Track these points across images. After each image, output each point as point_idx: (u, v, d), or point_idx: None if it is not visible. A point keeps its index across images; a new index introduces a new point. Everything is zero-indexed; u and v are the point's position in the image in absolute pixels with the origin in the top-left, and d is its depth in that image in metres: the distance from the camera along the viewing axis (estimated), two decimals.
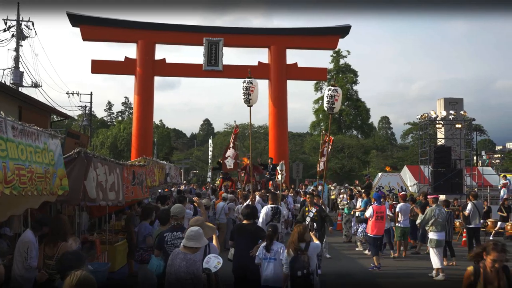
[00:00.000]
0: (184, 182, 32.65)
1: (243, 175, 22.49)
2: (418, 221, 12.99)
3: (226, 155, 17.30)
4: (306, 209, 12.00)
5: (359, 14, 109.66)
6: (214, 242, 6.81)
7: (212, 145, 57.50)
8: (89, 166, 6.95)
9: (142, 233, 9.02)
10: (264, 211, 11.37)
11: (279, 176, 14.91)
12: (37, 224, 6.81)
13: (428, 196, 13.86)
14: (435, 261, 11.87)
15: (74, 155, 6.79)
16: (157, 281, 7.07)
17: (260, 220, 11.23)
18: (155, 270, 6.90)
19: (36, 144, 5.51)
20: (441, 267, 11.85)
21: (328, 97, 13.41)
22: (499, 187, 22.75)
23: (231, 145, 17.21)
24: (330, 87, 13.67)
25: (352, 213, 17.36)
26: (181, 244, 5.99)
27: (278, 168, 15.09)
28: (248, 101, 13.82)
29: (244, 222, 8.23)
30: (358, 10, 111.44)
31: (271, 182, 21.88)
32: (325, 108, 13.73)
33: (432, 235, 12.09)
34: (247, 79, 13.76)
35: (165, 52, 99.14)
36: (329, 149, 14.25)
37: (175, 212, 7.34)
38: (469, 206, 15.26)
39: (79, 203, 7.58)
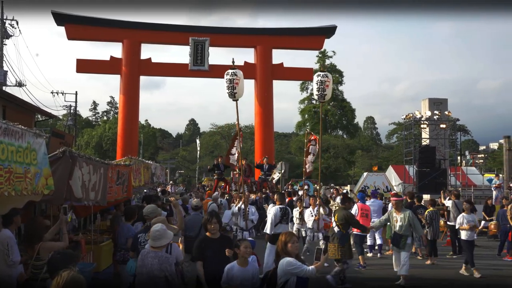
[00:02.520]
0: (171, 182, 32.25)
1: (237, 176, 21.79)
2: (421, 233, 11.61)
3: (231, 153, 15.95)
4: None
5: (344, 15, 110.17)
6: (179, 246, 6.84)
7: (199, 145, 57.53)
8: (74, 166, 6.90)
9: (125, 234, 8.97)
10: (272, 212, 11.15)
11: (275, 176, 14.27)
12: (7, 218, 6.75)
13: (392, 198, 12.38)
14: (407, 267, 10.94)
15: (59, 154, 6.72)
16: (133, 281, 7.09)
17: (269, 221, 11.09)
18: (130, 271, 6.95)
19: (19, 143, 5.44)
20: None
21: (318, 83, 11.93)
22: (493, 187, 22.92)
23: (237, 149, 15.67)
24: (319, 72, 12.14)
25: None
26: (148, 244, 6.01)
27: (277, 168, 14.33)
28: (233, 95, 12.40)
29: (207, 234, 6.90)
30: (343, 11, 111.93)
31: (266, 183, 21.27)
32: (315, 96, 12.34)
33: (410, 240, 11.19)
34: (230, 71, 12.38)
35: (151, 52, 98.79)
36: (316, 148, 13.49)
37: (147, 213, 7.39)
38: (450, 203, 15.50)
39: (63, 203, 7.53)
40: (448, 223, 15.55)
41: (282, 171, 14.29)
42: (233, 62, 12.89)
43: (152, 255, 5.71)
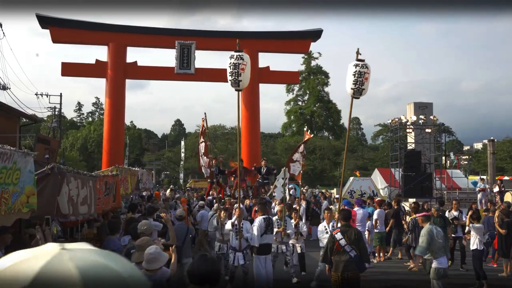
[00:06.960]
0: (168, 188, 30.50)
1: (232, 179, 20.25)
2: (417, 251, 9.72)
3: (201, 164, 15.07)
4: None
5: (329, 16, 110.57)
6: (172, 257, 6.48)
7: (184, 146, 57.35)
8: (62, 182, 6.87)
9: (111, 249, 8.83)
10: (257, 224, 10.59)
11: (278, 184, 13.21)
12: None
13: (417, 215, 11.26)
14: None
15: (47, 171, 6.68)
16: None
17: (255, 233, 10.49)
18: None
19: (3, 165, 5.36)
20: None
21: (356, 74, 9.30)
22: (477, 190, 23.08)
23: (202, 150, 14.96)
24: (357, 62, 9.41)
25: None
26: (143, 267, 5.88)
27: (280, 176, 13.30)
28: (237, 83, 10.16)
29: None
30: (326, 12, 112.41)
31: (264, 188, 20.07)
32: (349, 90, 9.55)
33: (434, 263, 9.19)
34: (235, 54, 10.10)
35: (137, 55, 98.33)
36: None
37: (142, 230, 7.29)
38: (457, 214, 15.61)
39: (54, 219, 7.48)
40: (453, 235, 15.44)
41: (287, 179, 12.62)
42: (238, 44, 10.55)
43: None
